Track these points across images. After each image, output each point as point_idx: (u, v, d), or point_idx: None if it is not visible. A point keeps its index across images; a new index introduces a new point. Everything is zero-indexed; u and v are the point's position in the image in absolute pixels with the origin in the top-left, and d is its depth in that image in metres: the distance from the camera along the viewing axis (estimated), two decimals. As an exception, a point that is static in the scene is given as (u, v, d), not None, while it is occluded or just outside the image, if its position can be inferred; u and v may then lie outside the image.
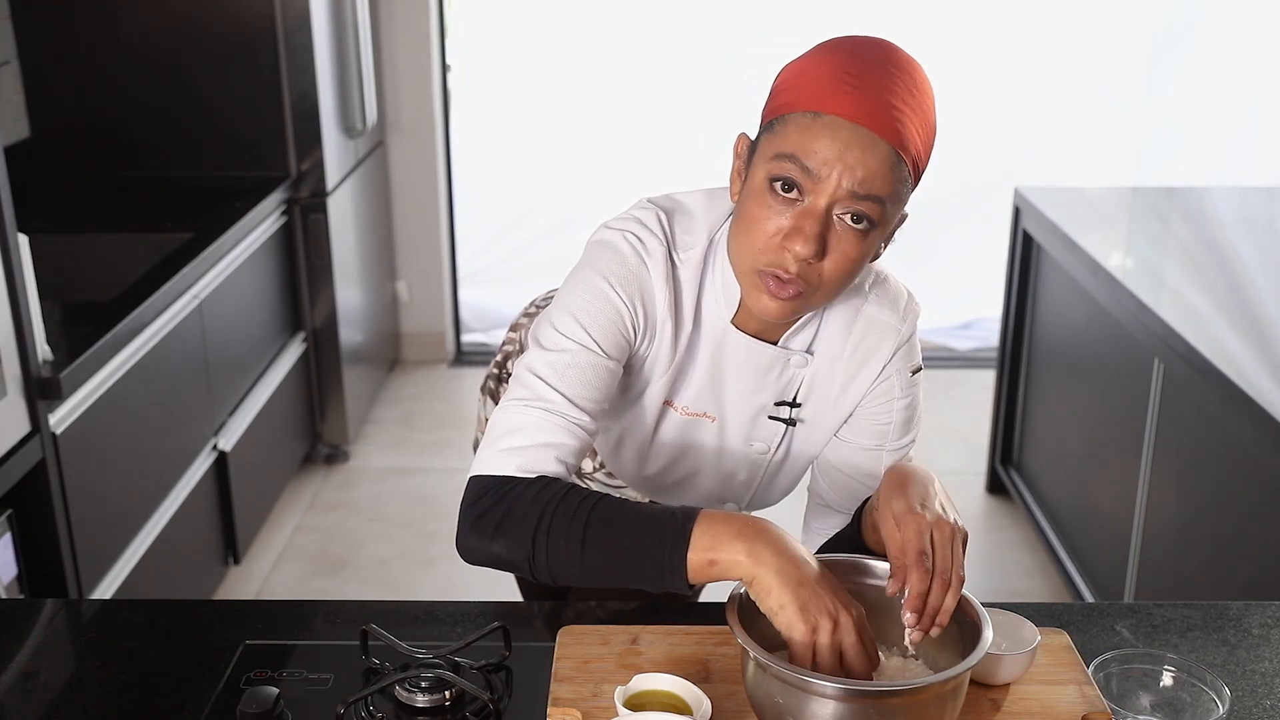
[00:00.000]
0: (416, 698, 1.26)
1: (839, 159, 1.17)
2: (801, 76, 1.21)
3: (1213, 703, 1.23)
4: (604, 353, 1.29)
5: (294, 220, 3.53)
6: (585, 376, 1.27)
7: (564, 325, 1.29)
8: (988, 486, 3.66)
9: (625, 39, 4.47)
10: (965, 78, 4.46)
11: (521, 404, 1.26)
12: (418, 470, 3.81)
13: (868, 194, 1.19)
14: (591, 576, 1.21)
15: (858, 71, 1.18)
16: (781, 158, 1.20)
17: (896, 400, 1.42)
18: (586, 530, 1.19)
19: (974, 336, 4.73)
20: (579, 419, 1.26)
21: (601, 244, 1.33)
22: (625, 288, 1.30)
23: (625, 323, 1.30)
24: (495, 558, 1.23)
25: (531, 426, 1.25)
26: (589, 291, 1.30)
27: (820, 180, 1.18)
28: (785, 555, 1.15)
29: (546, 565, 1.20)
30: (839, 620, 1.13)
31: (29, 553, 2.19)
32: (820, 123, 1.18)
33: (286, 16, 3.37)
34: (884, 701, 1.09)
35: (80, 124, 3.45)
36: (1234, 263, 2.89)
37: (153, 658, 1.38)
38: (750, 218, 1.24)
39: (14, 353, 2.08)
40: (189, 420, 2.84)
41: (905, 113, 1.18)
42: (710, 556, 1.15)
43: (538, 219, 4.71)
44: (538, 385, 1.27)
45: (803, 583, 1.13)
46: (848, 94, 1.17)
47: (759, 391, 1.39)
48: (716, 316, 1.35)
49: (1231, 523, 2.26)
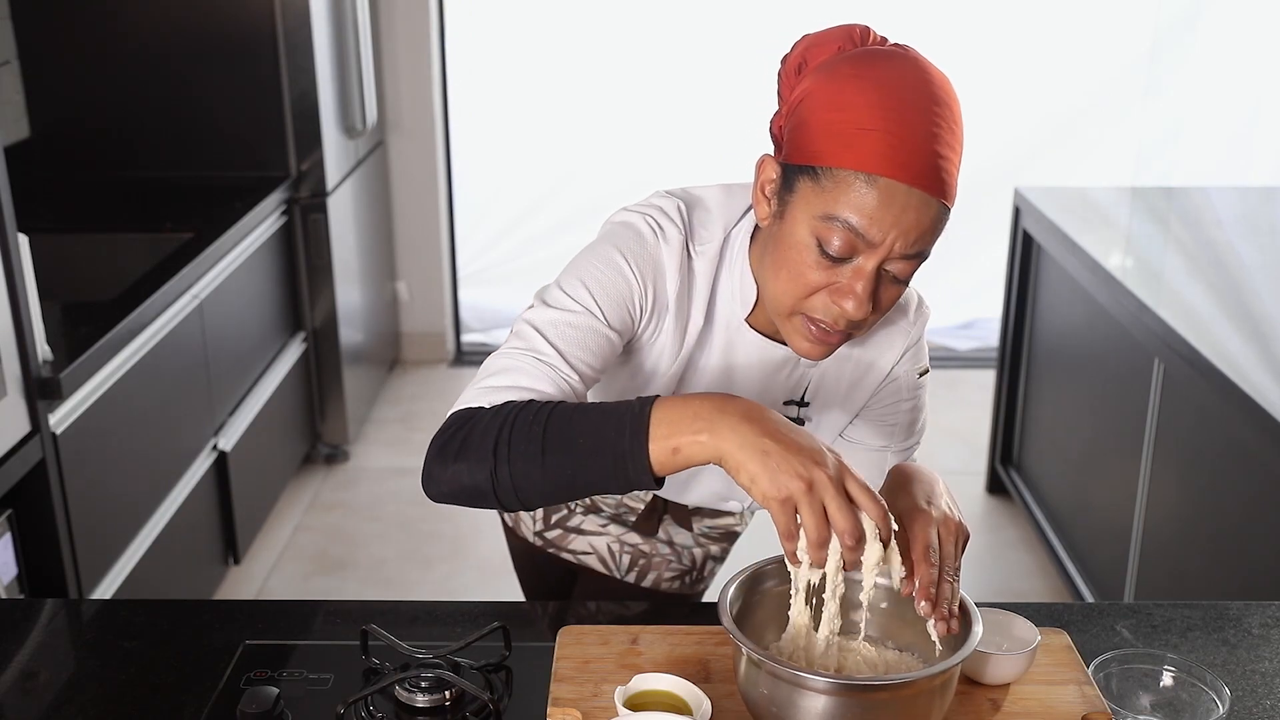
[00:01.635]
0: (416, 698, 1.26)
1: (895, 224, 1.15)
2: (844, 125, 1.15)
3: (1213, 703, 1.23)
4: (606, 321, 1.27)
5: (294, 220, 3.53)
6: (584, 339, 1.25)
7: (571, 288, 1.28)
8: (988, 486, 3.66)
9: (626, 39, 4.46)
10: (965, 77, 4.40)
11: (514, 351, 1.24)
12: (418, 470, 3.76)
13: (919, 251, 1.18)
14: (553, 485, 1.13)
15: (907, 124, 1.14)
16: (833, 220, 1.16)
17: (903, 401, 1.43)
18: (545, 433, 1.12)
19: (974, 336, 4.73)
20: (568, 375, 1.23)
21: (622, 224, 1.33)
22: (639, 263, 1.29)
23: (634, 297, 1.29)
24: (458, 484, 1.18)
25: (517, 370, 1.22)
26: (601, 260, 1.29)
27: (875, 245, 1.16)
28: (748, 422, 1.07)
29: (510, 480, 1.13)
30: (813, 479, 1.04)
31: (29, 553, 2.19)
32: (877, 188, 1.14)
33: (286, 16, 3.37)
34: (872, 696, 1.09)
35: (80, 124, 3.45)
36: (1234, 263, 2.89)
37: (153, 658, 1.38)
38: (796, 267, 1.21)
39: (14, 353, 2.08)
40: (189, 420, 2.84)
41: (950, 159, 1.16)
42: (673, 444, 1.09)
43: (538, 219, 4.71)
44: (533, 337, 1.25)
45: (768, 450, 1.05)
46: (900, 154, 1.13)
47: (768, 390, 1.39)
48: (730, 313, 1.35)
49: (1231, 523, 2.26)
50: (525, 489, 1.14)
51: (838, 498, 1.05)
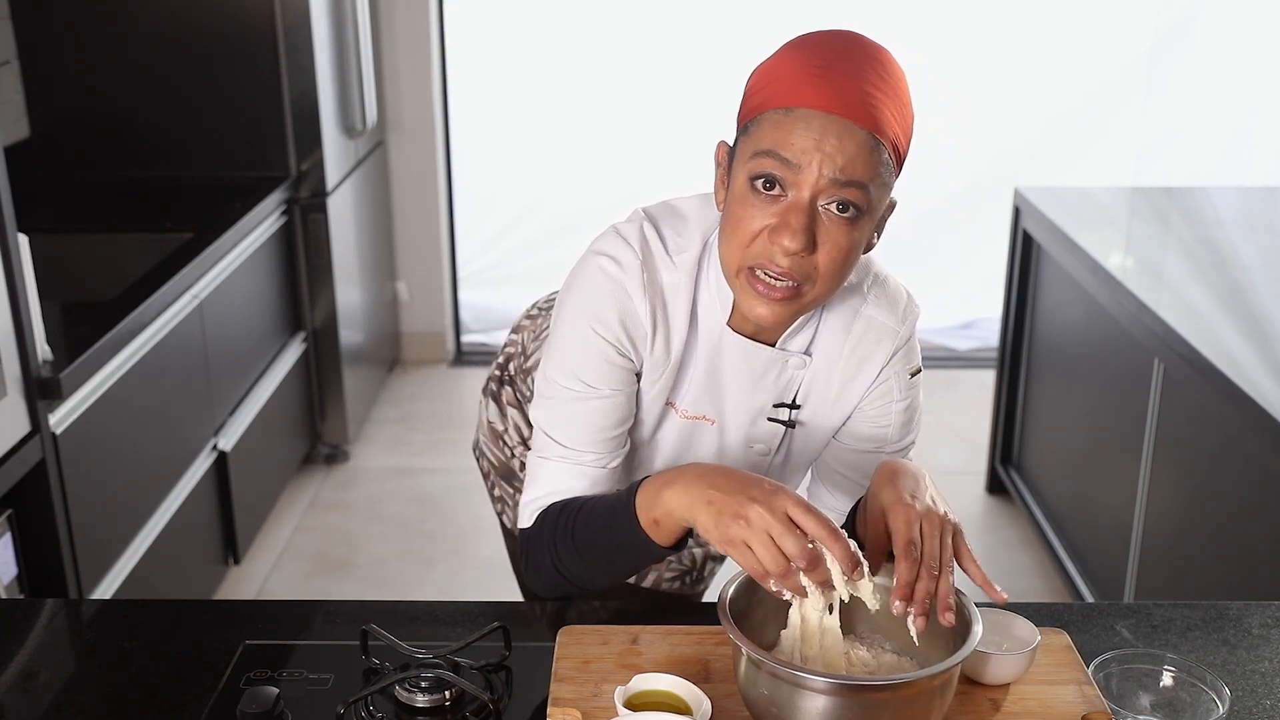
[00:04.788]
0: (416, 698, 1.26)
1: (816, 148, 1.17)
2: (771, 75, 1.22)
3: (1213, 703, 1.23)
4: (600, 391, 1.34)
5: (294, 220, 3.53)
6: (587, 419, 1.34)
7: (556, 374, 1.36)
8: (988, 486, 3.66)
9: (627, 39, 4.46)
10: (966, 78, 4.46)
11: (537, 458, 1.39)
12: (418, 470, 3.81)
13: (850, 180, 1.19)
14: (607, 575, 1.32)
15: (825, 62, 1.19)
16: (760, 155, 1.20)
17: (895, 402, 1.42)
18: (575, 543, 1.30)
19: (974, 336, 4.73)
20: (585, 459, 1.36)
21: (578, 273, 1.36)
22: (603, 323, 1.32)
23: (614, 354, 1.34)
24: (552, 593, 1.40)
25: (545, 477, 1.37)
26: (572, 336, 1.34)
27: (800, 171, 1.18)
28: (698, 481, 1.17)
29: (580, 581, 1.35)
30: (748, 515, 1.11)
31: (29, 553, 2.19)
32: (794, 116, 1.18)
33: (286, 16, 3.37)
34: (872, 696, 1.09)
35: (80, 124, 3.45)
36: (1234, 262, 2.89)
37: (153, 658, 1.38)
38: (736, 219, 1.24)
39: (14, 353, 2.08)
40: (189, 420, 2.84)
41: (877, 97, 1.19)
42: (653, 517, 1.22)
43: (538, 219, 4.71)
44: (543, 440, 1.37)
45: (711, 500, 1.15)
46: (817, 84, 1.18)
47: (756, 393, 1.39)
48: (712, 319, 1.36)
49: (1231, 523, 2.26)
50: (591, 582, 1.36)
51: (778, 524, 1.11)
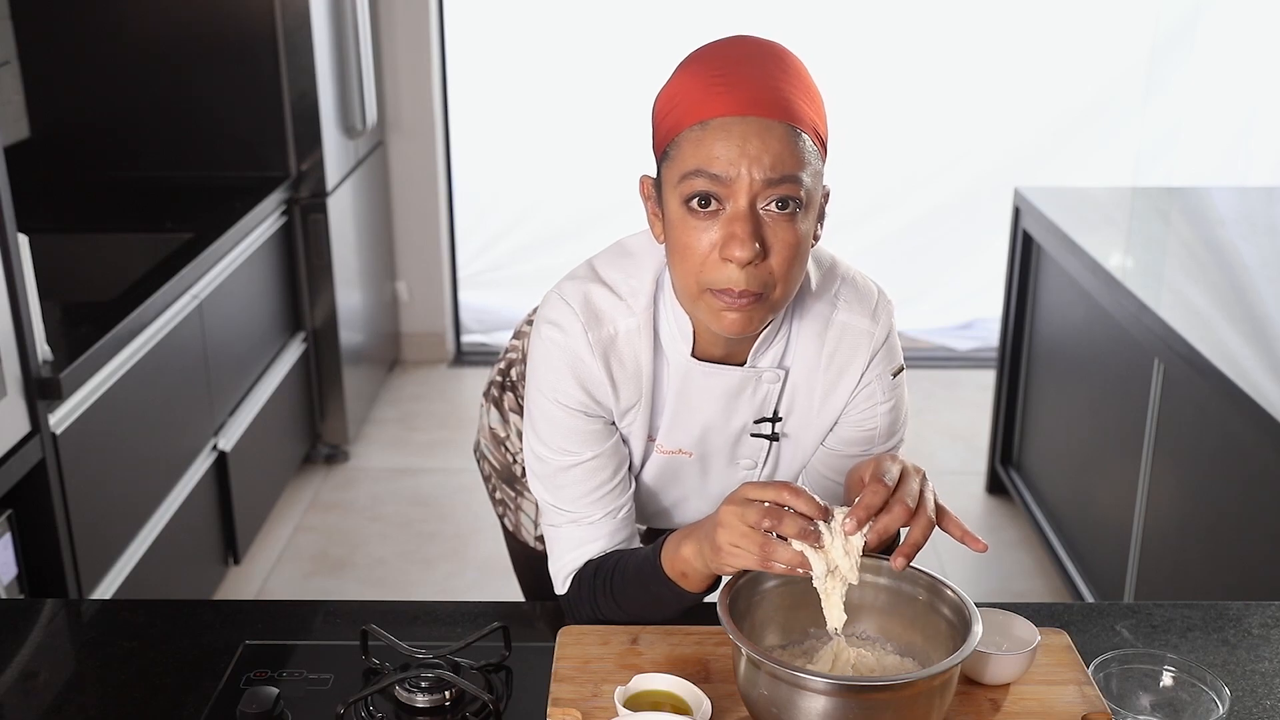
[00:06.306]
0: (416, 698, 1.26)
1: (741, 154, 1.18)
2: (675, 96, 1.23)
3: (1213, 703, 1.23)
4: (583, 455, 1.36)
5: (294, 220, 3.53)
6: (582, 483, 1.38)
7: (539, 448, 1.39)
8: (988, 486, 3.66)
9: (627, 39, 4.46)
10: (966, 79, 4.46)
11: (549, 527, 1.43)
12: (417, 470, 3.81)
13: (782, 176, 1.19)
14: (655, 619, 1.36)
15: (725, 69, 1.20)
16: (688, 176, 1.20)
17: (879, 405, 1.41)
18: (615, 599, 1.36)
19: (974, 336, 4.73)
20: (594, 517, 1.39)
21: (533, 346, 1.39)
22: (563, 393, 1.35)
23: (584, 418, 1.36)
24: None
25: (563, 543, 1.41)
26: (539, 413, 1.38)
27: (732, 181, 1.18)
28: (706, 534, 1.22)
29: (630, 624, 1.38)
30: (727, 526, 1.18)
31: (29, 553, 2.19)
32: (710, 129, 1.19)
33: (286, 16, 3.37)
34: (872, 696, 1.09)
35: (80, 124, 3.45)
36: (1234, 263, 2.89)
37: (153, 658, 1.38)
38: (681, 245, 1.23)
39: (14, 353, 2.08)
40: (189, 420, 2.84)
41: (784, 89, 1.19)
42: (679, 571, 1.29)
43: (538, 220, 4.71)
44: (549, 511, 1.41)
45: (716, 547, 1.20)
46: (723, 92, 1.19)
47: (734, 415, 1.39)
48: (675, 351, 1.35)
49: (1231, 523, 2.26)
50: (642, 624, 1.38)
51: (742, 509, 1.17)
